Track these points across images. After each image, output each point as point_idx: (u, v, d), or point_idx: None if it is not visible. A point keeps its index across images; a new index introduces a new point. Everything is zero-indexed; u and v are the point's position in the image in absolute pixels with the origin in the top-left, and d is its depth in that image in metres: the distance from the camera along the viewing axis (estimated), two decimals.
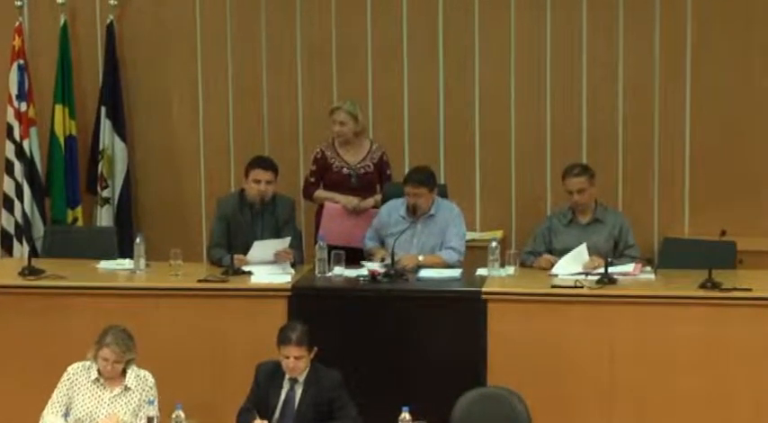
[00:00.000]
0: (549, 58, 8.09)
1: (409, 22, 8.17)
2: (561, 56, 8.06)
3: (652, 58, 7.99)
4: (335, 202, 7.30)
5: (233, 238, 6.81)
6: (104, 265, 6.90)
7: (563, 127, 8.12)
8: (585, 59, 8.06)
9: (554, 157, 8.09)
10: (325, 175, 7.43)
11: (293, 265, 6.74)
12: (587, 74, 8.07)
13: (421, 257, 6.79)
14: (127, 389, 5.48)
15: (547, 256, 6.75)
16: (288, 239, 6.75)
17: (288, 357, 5.56)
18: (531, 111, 8.14)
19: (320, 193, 7.41)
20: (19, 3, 8.34)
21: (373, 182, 7.44)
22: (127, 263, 6.87)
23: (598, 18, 8.02)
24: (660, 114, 8.04)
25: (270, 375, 5.65)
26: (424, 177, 6.89)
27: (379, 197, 7.39)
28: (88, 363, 5.52)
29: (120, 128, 8.32)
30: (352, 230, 7.16)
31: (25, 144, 8.26)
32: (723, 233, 6.63)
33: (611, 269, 6.40)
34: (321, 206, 7.44)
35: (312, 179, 7.46)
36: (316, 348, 5.62)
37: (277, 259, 6.72)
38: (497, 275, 6.56)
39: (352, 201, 7.27)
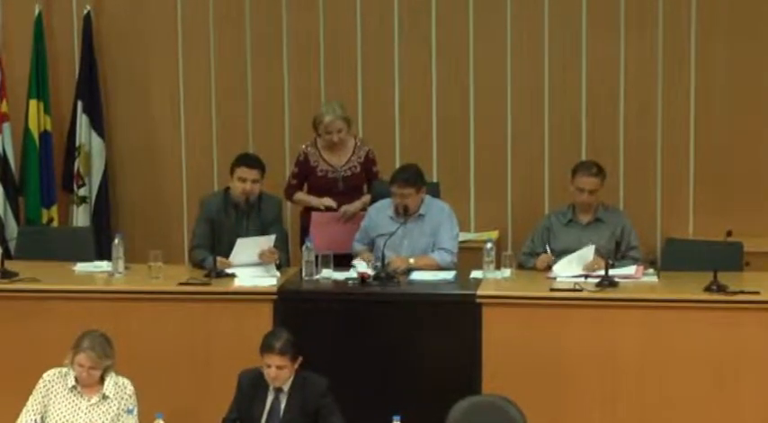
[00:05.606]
0: (547, 53, 8.06)
1: (401, 15, 8.13)
2: (560, 50, 8.06)
3: (655, 55, 7.97)
4: (313, 206, 7.23)
5: (217, 239, 6.71)
6: (81, 267, 6.82)
7: (562, 123, 8.10)
8: (585, 55, 8.04)
9: (552, 154, 8.07)
10: (309, 178, 7.36)
11: (279, 267, 6.64)
12: (587, 69, 8.05)
13: (411, 260, 6.68)
14: (105, 397, 5.44)
15: (546, 255, 6.67)
16: (273, 237, 6.67)
17: (270, 366, 5.51)
18: (529, 106, 8.12)
19: (300, 195, 7.37)
20: None
21: (360, 183, 7.33)
22: (105, 265, 6.78)
23: (599, 13, 8.00)
24: (663, 111, 8.01)
25: (253, 384, 5.59)
26: (409, 176, 6.79)
27: (368, 198, 7.30)
28: (65, 369, 5.49)
29: (97, 123, 8.28)
30: (342, 237, 7.07)
31: None
32: (729, 234, 6.59)
33: (612, 271, 6.32)
34: (306, 209, 7.37)
35: (294, 181, 7.42)
36: (301, 358, 5.55)
37: (262, 260, 6.60)
38: (493, 278, 6.48)
39: (326, 201, 7.19)
